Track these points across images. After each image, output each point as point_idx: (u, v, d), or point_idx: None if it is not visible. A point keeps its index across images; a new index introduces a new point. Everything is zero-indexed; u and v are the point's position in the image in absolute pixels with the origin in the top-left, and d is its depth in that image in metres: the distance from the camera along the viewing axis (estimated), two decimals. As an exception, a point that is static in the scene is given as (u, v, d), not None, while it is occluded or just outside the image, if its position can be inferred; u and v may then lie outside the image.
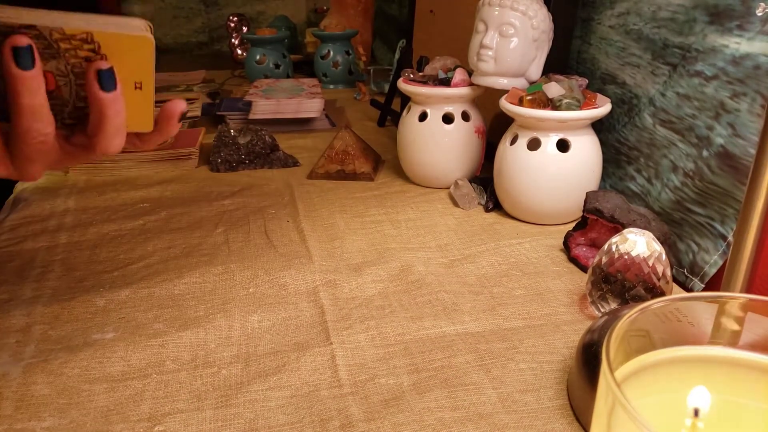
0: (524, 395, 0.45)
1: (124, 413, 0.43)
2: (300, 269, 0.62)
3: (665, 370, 0.25)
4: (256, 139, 0.93)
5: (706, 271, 0.58)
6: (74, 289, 0.59)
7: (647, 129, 0.68)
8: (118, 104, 0.41)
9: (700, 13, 0.60)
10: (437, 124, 0.79)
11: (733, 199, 0.56)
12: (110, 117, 0.41)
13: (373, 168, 0.89)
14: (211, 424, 0.42)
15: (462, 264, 0.63)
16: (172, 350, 0.50)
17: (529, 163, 0.68)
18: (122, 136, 0.43)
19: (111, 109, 0.41)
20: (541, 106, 0.67)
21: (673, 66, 0.64)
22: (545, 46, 0.74)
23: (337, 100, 1.34)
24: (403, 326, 0.53)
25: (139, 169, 0.92)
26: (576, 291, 0.58)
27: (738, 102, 0.56)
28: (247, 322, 0.54)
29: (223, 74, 1.60)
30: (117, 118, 0.41)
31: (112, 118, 0.41)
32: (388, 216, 0.75)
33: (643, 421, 0.19)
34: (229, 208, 0.78)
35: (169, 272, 0.62)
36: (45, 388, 0.46)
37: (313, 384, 0.46)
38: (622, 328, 0.23)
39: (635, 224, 0.58)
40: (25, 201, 0.82)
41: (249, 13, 2.02)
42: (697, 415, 0.23)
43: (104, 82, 0.40)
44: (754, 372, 0.25)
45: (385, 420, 0.42)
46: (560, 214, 0.71)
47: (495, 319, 0.54)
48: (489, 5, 0.72)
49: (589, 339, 0.45)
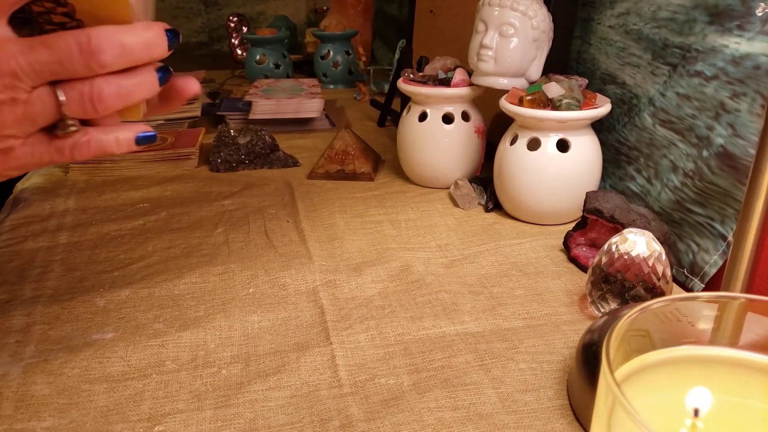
0: (524, 395, 0.45)
1: (124, 413, 0.43)
2: (300, 269, 0.62)
3: (665, 370, 0.25)
4: (256, 139, 0.93)
5: (706, 271, 0.58)
6: (74, 289, 0.59)
7: (647, 129, 0.68)
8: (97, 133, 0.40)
9: (700, 13, 0.60)
10: (437, 124, 0.79)
11: (733, 199, 0.56)
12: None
13: (373, 168, 0.89)
14: (211, 424, 0.42)
15: (462, 264, 0.63)
16: (172, 350, 0.50)
17: (529, 163, 0.68)
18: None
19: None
20: (541, 106, 0.67)
21: (673, 66, 0.64)
22: (545, 46, 0.74)
23: (337, 100, 1.34)
24: (403, 326, 0.53)
25: (139, 169, 0.92)
26: (576, 291, 0.58)
27: (738, 102, 0.56)
28: (247, 322, 0.54)
29: (223, 74, 1.60)
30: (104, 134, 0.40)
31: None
32: (388, 216, 0.75)
33: (643, 421, 0.19)
34: (229, 208, 0.78)
35: (169, 272, 0.62)
36: (45, 388, 0.46)
37: (313, 384, 0.46)
38: (622, 328, 0.23)
39: (635, 224, 0.58)
40: (25, 201, 0.82)
41: (249, 13, 2.03)
42: (697, 415, 0.23)
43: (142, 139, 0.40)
44: (754, 372, 0.25)
45: (385, 420, 0.42)
46: (560, 214, 0.71)
47: (495, 319, 0.54)
48: (489, 5, 0.72)
49: (589, 339, 0.45)
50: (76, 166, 0.91)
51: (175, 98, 0.43)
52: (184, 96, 0.42)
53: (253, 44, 1.49)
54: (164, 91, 0.41)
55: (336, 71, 1.47)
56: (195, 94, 0.43)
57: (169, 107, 0.43)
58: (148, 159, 0.93)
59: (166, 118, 1.12)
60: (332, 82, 1.48)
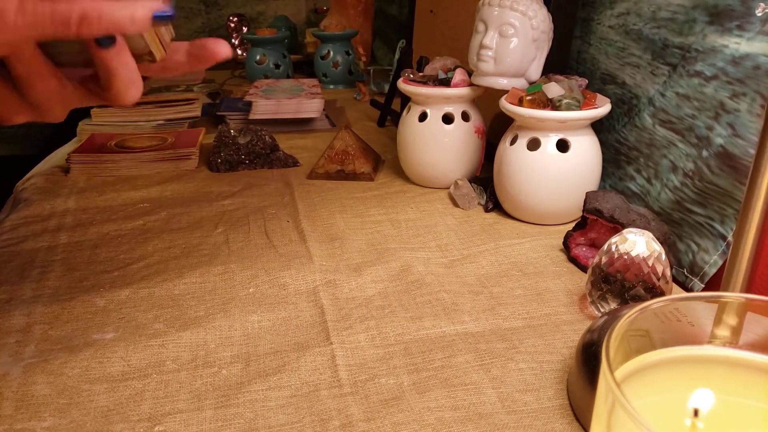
0: (524, 395, 0.45)
1: (125, 413, 0.43)
2: (300, 269, 0.62)
3: (665, 370, 0.25)
4: (256, 139, 0.93)
5: (706, 271, 0.58)
6: (74, 289, 0.59)
7: (647, 129, 0.68)
8: (123, 56, 0.37)
9: (700, 13, 0.60)
10: (437, 124, 0.79)
11: (733, 199, 0.56)
12: (118, 71, 0.37)
13: (373, 168, 0.89)
14: (211, 424, 0.43)
15: (462, 264, 0.63)
16: (172, 350, 0.50)
17: (529, 163, 0.68)
18: (138, 86, 0.39)
19: (115, 63, 0.37)
20: (540, 106, 0.67)
21: (672, 66, 0.64)
22: (545, 46, 0.74)
23: (337, 100, 1.34)
24: (403, 326, 0.53)
25: (139, 169, 0.92)
26: (576, 291, 0.58)
27: (738, 102, 0.56)
28: (247, 322, 0.54)
29: (223, 74, 1.60)
30: (125, 70, 0.37)
31: (120, 72, 0.37)
32: (388, 216, 0.75)
33: (643, 421, 0.19)
34: (229, 208, 0.78)
35: (169, 272, 0.62)
36: (45, 388, 0.46)
37: (313, 384, 0.46)
38: (622, 328, 0.23)
39: (635, 224, 0.58)
40: (25, 201, 0.82)
41: (249, 13, 2.03)
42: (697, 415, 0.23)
43: (101, 39, 0.36)
44: (754, 372, 0.25)
45: (385, 420, 0.42)
46: (560, 214, 0.71)
47: (495, 319, 0.54)
48: (489, 5, 0.72)
49: (589, 339, 0.45)
50: (76, 166, 0.91)
51: (204, 57, 0.40)
52: (214, 57, 0.40)
53: (253, 44, 1.49)
54: (194, 48, 0.40)
55: (336, 71, 1.47)
56: (226, 56, 0.40)
57: (196, 66, 0.41)
58: (148, 159, 0.93)
59: (166, 118, 1.12)
60: (332, 82, 1.48)
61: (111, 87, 0.38)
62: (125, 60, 0.37)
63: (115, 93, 0.39)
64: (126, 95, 0.39)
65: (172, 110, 1.13)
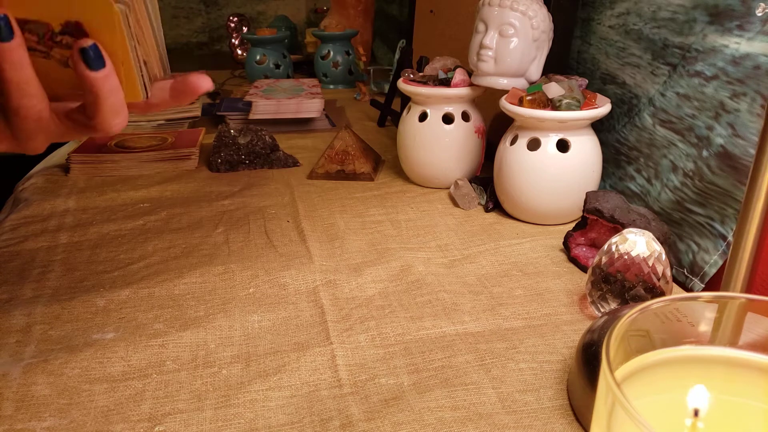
0: (524, 395, 0.45)
1: (125, 413, 0.43)
2: (300, 269, 0.62)
3: (665, 370, 0.25)
4: (256, 139, 0.93)
5: (706, 271, 0.58)
6: (74, 289, 0.59)
7: (647, 129, 0.68)
8: (111, 82, 0.38)
9: (700, 13, 0.60)
10: (437, 124, 0.79)
11: (733, 199, 0.56)
12: (105, 96, 0.38)
13: (373, 168, 0.89)
14: (212, 424, 0.43)
15: (462, 264, 0.63)
16: (172, 350, 0.50)
17: (529, 163, 0.68)
18: (123, 115, 0.40)
19: (104, 89, 0.37)
20: (541, 106, 0.67)
21: (673, 66, 0.64)
22: (545, 46, 0.74)
23: (337, 100, 1.34)
24: (403, 326, 0.53)
25: (139, 169, 0.92)
26: (576, 291, 0.58)
27: (738, 102, 0.56)
28: (247, 322, 0.54)
29: (223, 74, 1.60)
30: (113, 96, 0.38)
31: (107, 98, 0.38)
32: (388, 216, 0.75)
33: (643, 421, 0.19)
34: (229, 208, 0.78)
35: (170, 272, 0.62)
36: (45, 388, 0.46)
37: (313, 384, 0.46)
38: (622, 328, 0.23)
39: (635, 224, 0.58)
40: (25, 201, 0.82)
41: (249, 13, 2.03)
42: (696, 415, 0.23)
43: (90, 61, 0.37)
44: (754, 372, 0.25)
45: (385, 420, 0.42)
46: (560, 214, 0.71)
47: (495, 319, 0.54)
48: (489, 5, 0.72)
49: (589, 339, 0.45)
50: (76, 166, 0.91)
51: (187, 93, 0.42)
52: (197, 92, 0.41)
53: (253, 44, 1.49)
54: (177, 85, 0.41)
55: (336, 71, 1.47)
56: (207, 89, 0.42)
57: (180, 101, 0.42)
58: (148, 159, 0.93)
59: (166, 118, 1.12)
60: (332, 82, 1.49)
61: (97, 114, 0.39)
62: (113, 85, 0.38)
63: (100, 120, 0.39)
64: (111, 123, 0.39)
65: (172, 110, 1.13)
